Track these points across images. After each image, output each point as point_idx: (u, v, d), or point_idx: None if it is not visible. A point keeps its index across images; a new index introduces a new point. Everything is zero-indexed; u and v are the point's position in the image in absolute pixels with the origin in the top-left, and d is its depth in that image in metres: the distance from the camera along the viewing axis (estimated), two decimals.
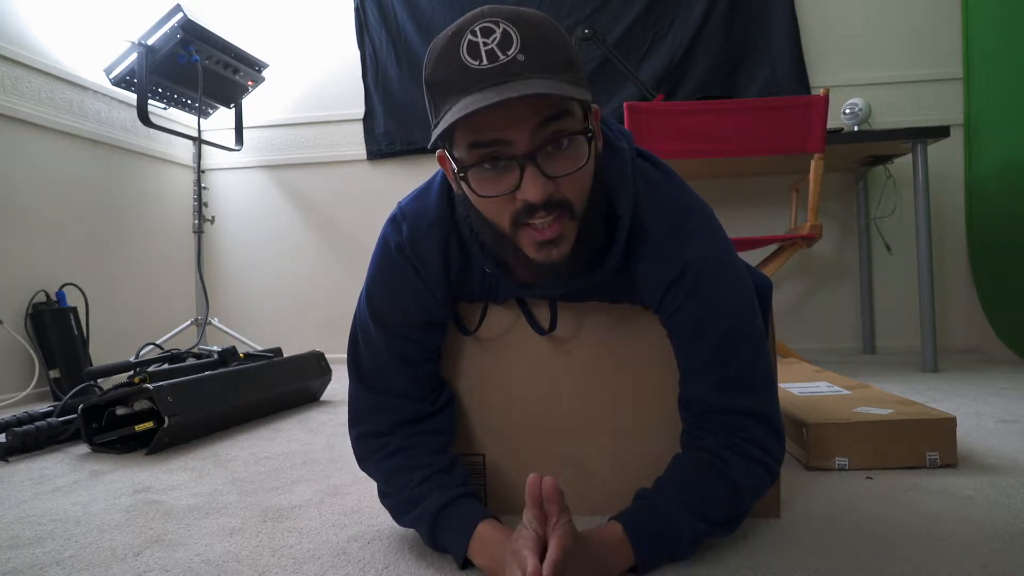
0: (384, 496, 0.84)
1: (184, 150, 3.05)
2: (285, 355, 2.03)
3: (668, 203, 0.77)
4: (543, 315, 0.88)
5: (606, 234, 0.75)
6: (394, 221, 0.83)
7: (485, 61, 0.61)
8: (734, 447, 0.76)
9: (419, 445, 0.84)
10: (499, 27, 0.62)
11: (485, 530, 0.73)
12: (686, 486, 0.75)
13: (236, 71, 2.64)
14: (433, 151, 0.72)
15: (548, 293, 0.85)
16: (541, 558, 0.62)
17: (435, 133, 0.65)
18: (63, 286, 2.34)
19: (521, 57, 0.61)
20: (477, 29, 0.62)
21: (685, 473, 0.76)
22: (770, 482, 0.79)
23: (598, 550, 0.68)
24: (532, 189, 0.64)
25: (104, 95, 2.62)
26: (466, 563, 0.75)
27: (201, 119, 2.62)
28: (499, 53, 0.61)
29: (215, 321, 2.79)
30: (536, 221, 0.66)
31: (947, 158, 2.70)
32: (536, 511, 0.65)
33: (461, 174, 0.67)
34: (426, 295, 0.82)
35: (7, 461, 1.36)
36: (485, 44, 0.61)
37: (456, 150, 0.67)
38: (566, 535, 0.63)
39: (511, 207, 0.67)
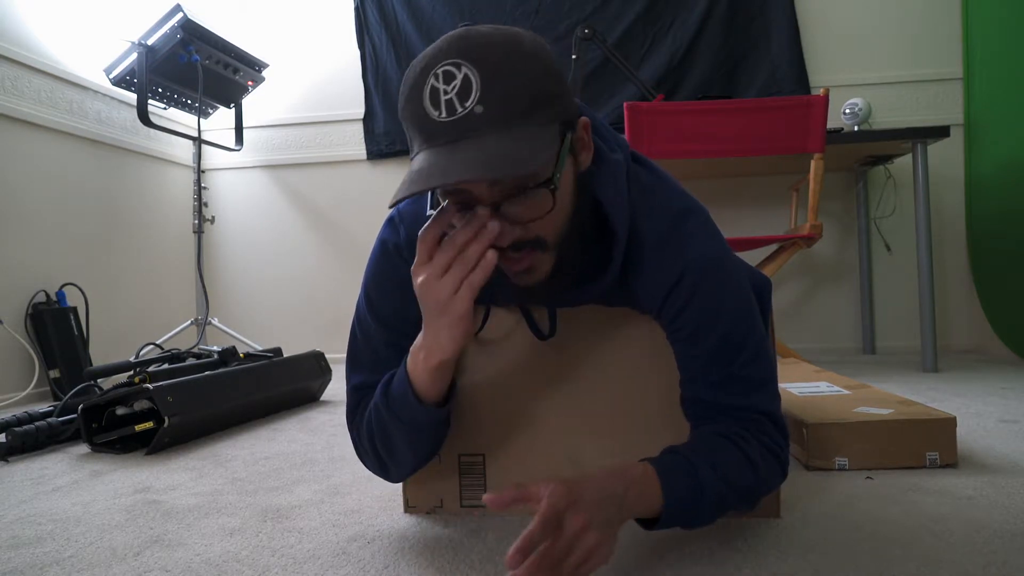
0: (357, 441, 0.85)
1: (184, 150, 3.05)
2: (285, 355, 2.03)
3: (663, 208, 0.77)
4: (543, 319, 0.88)
5: (601, 250, 0.75)
6: (391, 223, 0.83)
7: (444, 113, 0.61)
8: (749, 430, 0.76)
9: None
10: (460, 71, 0.61)
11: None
12: (712, 451, 0.74)
13: (236, 71, 2.64)
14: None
15: (546, 302, 0.85)
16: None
17: (399, 194, 0.62)
18: (63, 286, 2.34)
19: (479, 109, 0.60)
20: (440, 73, 0.62)
21: (707, 443, 0.75)
22: (780, 474, 0.78)
23: (614, 483, 0.65)
24: (498, 237, 0.65)
25: (104, 95, 2.62)
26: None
27: (201, 119, 2.62)
28: (457, 105, 0.61)
29: (215, 321, 2.79)
30: (507, 257, 0.68)
31: (947, 158, 2.70)
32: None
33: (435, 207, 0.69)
34: None
35: (7, 461, 1.36)
36: (445, 92, 0.61)
37: None
38: (555, 491, 0.61)
39: None
